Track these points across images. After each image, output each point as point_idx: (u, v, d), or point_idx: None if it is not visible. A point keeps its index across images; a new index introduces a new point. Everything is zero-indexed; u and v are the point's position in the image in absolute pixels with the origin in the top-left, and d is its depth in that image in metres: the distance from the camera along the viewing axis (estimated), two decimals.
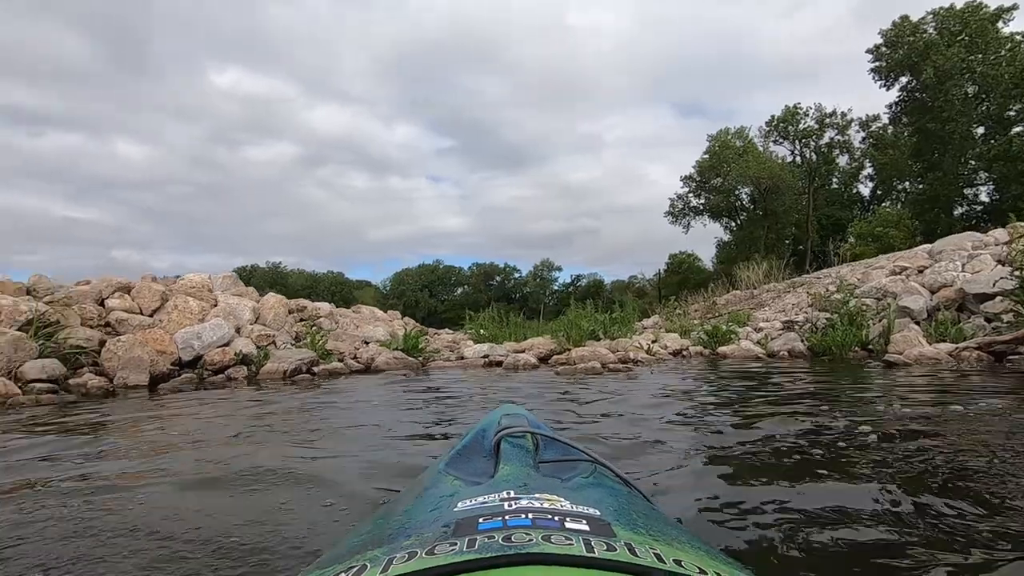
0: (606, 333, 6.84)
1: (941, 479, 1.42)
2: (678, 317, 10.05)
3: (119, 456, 2.00)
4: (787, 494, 1.35)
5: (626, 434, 2.11)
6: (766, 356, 5.80)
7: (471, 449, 0.81)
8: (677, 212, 32.65)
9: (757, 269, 11.96)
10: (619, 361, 5.45)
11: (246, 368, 5.11)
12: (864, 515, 1.18)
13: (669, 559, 0.38)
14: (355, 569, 0.38)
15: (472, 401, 3.30)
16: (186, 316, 5.54)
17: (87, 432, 2.52)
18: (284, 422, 2.72)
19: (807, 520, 1.16)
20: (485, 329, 7.18)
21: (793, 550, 1.03)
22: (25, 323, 4.43)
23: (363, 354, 5.96)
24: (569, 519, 0.43)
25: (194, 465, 1.83)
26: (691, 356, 6.27)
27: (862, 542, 1.06)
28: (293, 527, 1.21)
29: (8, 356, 4.02)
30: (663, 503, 1.07)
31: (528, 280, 48.33)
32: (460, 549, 0.37)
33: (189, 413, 3.13)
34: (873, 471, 1.52)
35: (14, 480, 1.65)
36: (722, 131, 30.55)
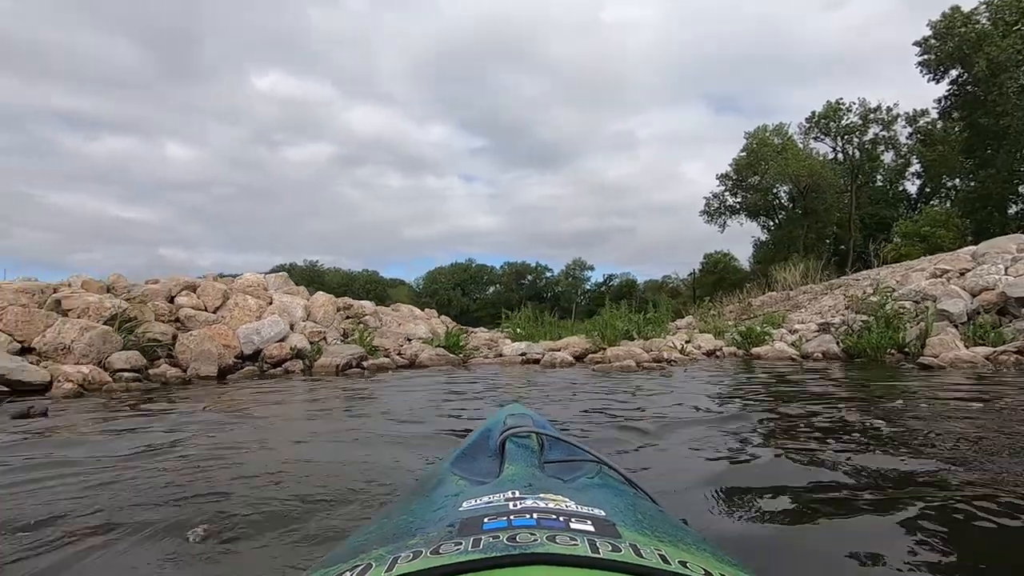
0: (640, 333, 7.01)
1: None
2: (712, 318, 10.11)
3: (231, 427, 2.37)
4: (800, 483, 1.55)
5: (660, 420, 2.35)
6: (800, 357, 5.89)
7: (476, 449, 0.83)
8: (712, 211, 32.19)
9: (794, 270, 11.85)
10: (653, 360, 5.65)
11: (301, 362, 5.54)
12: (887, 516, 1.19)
13: (674, 560, 0.39)
14: (360, 568, 0.39)
15: (520, 391, 3.58)
16: (245, 313, 6.00)
17: (188, 410, 2.91)
18: (359, 404, 3.07)
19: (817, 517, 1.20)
20: (521, 328, 7.47)
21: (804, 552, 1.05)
22: (110, 318, 4.94)
23: (407, 350, 6.32)
24: (574, 519, 0.44)
25: (298, 432, 2.17)
26: (724, 356, 6.40)
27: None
28: (379, 468, 1.52)
29: (98, 348, 4.51)
30: (666, 502, 1.09)
31: (560, 279, 48.40)
32: (465, 549, 0.38)
33: (270, 398, 3.52)
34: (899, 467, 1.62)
35: (166, 443, 2.01)
36: (760, 128, 29.98)
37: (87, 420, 2.73)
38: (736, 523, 1.21)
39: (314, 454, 1.90)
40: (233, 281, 6.76)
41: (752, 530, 1.17)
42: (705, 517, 1.21)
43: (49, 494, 1.41)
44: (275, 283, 7.35)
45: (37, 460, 1.81)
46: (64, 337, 4.41)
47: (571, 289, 46.80)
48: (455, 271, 48.20)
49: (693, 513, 1.23)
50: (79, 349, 4.38)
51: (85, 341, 4.42)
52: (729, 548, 0.51)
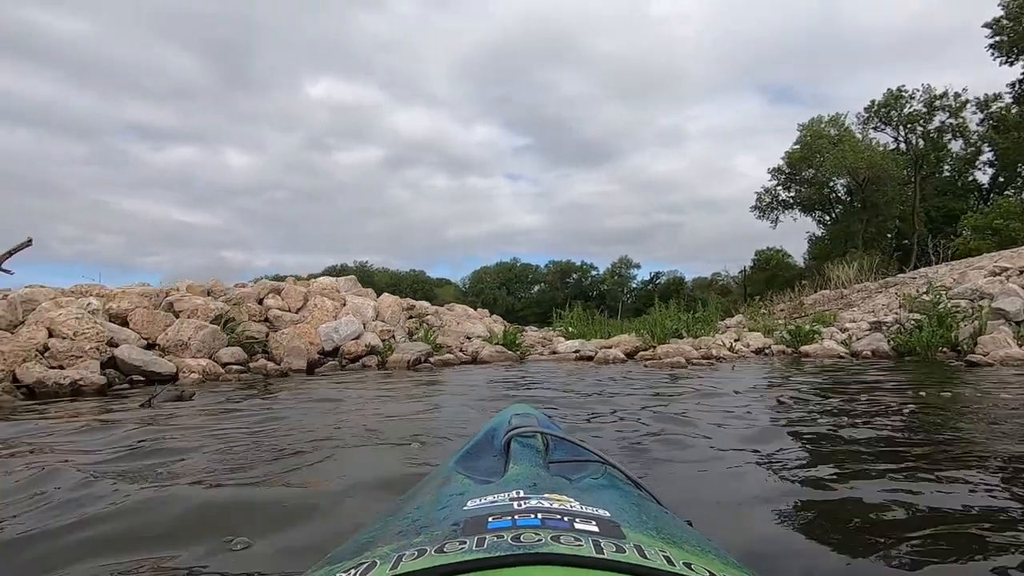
0: (689, 331, 7.30)
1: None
2: (762, 317, 10.20)
3: (342, 403, 2.93)
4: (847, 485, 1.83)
5: (713, 409, 2.75)
6: (849, 355, 6.05)
7: (481, 448, 0.84)
8: (764, 206, 31.49)
9: (847, 269, 11.71)
10: (702, 357, 5.96)
11: (376, 357, 6.16)
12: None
13: (679, 562, 0.39)
14: (365, 566, 0.39)
15: (582, 382, 4.02)
16: (324, 313, 6.70)
17: (301, 394, 3.51)
18: (440, 387, 3.59)
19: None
20: (573, 327, 7.89)
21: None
22: (215, 318, 5.70)
23: (468, 347, 6.87)
24: (579, 520, 0.44)
25: (400, 404, 2.69)
26: (773, 354, 6.62)
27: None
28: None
29: (209, 344, 5.26)
30: (669, 500, 1.08)
31: (605, 277, 48.32)
32: (469, 548, 0.38)
33: (362, 384, 4.10)
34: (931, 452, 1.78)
35: (302, 417, 2.58)
36: (814, 120, 29.10)
37: (228, 401, 3.36)
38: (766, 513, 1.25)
39: (417, 416, 2.42)
40: (310, 284, 7.50)
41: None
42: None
43: (251, 440, 1.97)
44: (345, 285, 8.07)
45: (227, 424, 2.40)
46: (182, 335, 5.17)
47: (616, 287, 46.64)
48: (500, 270, 48.93)
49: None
50: (194, 345, 5.13)
51: (199, 338, 5.17)
52: (734, 550, 0.52)
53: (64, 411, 3.04)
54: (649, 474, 1.55)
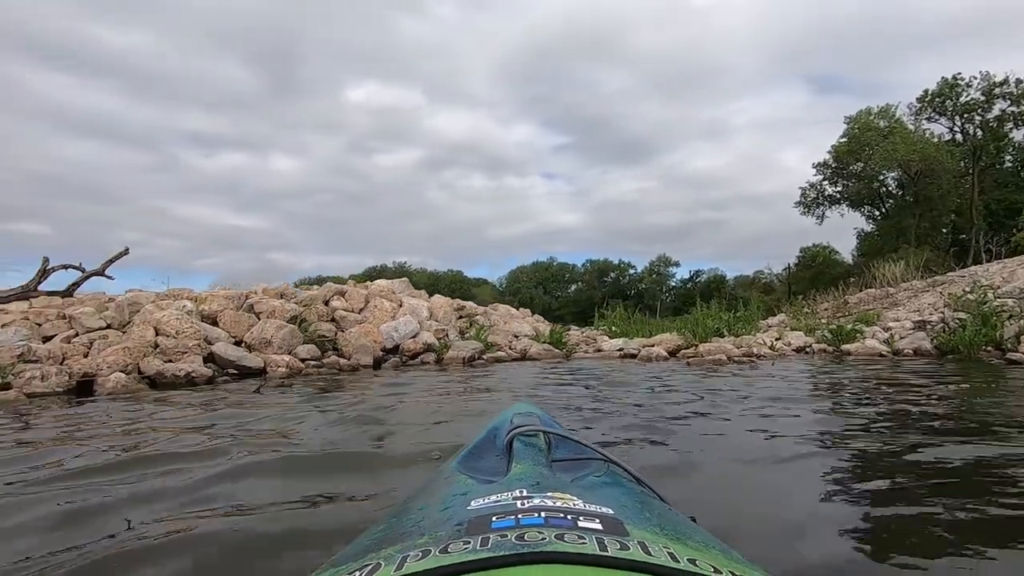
0: (730, 330, 7.56)
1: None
2: (805, 316, 10.30)
3: (421, 390, 3.44)
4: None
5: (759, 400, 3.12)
6: (890, 354, 6.21)
7: (484, 448, 0.85)
8: (809, 202, 30.82)
9: (894, 267, 11.62)
10: (743, 355, 6.25)
11: (433, 354, 6.70)
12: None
13: (683, 558, 0.39)
14: (369, 567, 0.40)
15: (634, 376, 4.42)
16: (383, 313, 7.29)
17: (382, 384, 4.05)
18: (499, 379, 4.07)
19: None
20: (616, 326, 8.26)
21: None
22: (290, 319, 6.35)
23: (516, 345, 7.34)
24: (582, 518, 0.44)
25: (466, 391, 3.17)
26: (814, 353, 6.83)
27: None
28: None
29: (288, 342, 5.90)
30: (673, 497, 1.13)
31: (643, 276, 48.07)
32: (473, 548, 0.38)
33: (429, 377, 4.62)
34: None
35: (397, 400, 3.10)
36: (862, 112, 28.33)
37: (323, 388, 3.93)
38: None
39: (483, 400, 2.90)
40: (368, 287, 8.13)
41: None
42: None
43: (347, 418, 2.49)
44: (400, 287, 8.67)
45: (331, 404, 2.93)
46: (265, 333, 5.83)
47: (655, 286, 46.34)
48: (537, 270, 49.31)
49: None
50: (276, 342, 5.78)
51: (280, 336, 5.82)
52: (738, 545, 0.54)
53: (208, 395, 3.66)
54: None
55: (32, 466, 1.81)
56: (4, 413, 3.06)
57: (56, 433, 2.46)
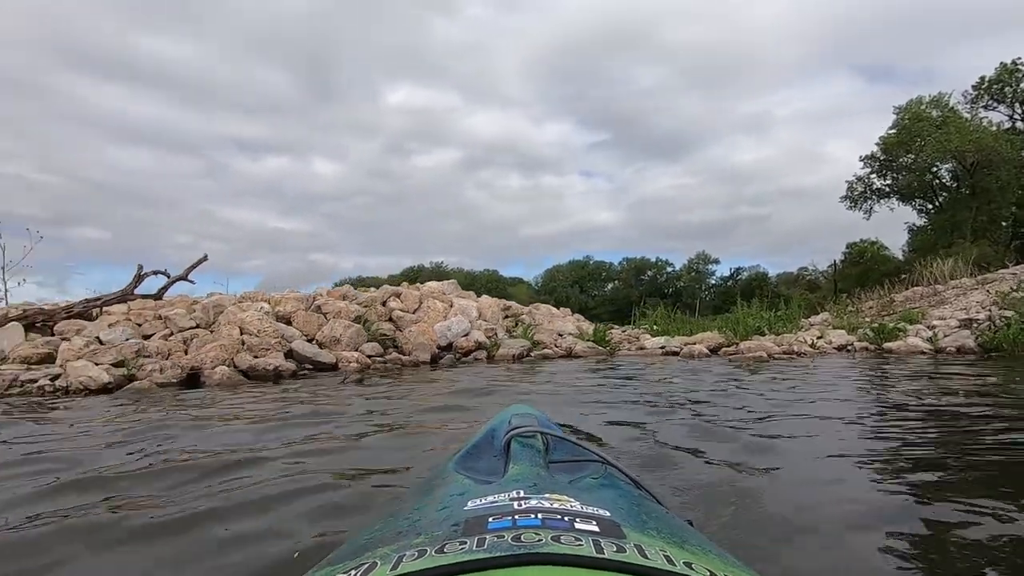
0: (771, 329, 7.81)
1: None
2: (849, 314, 10.37)
3: (484, 379, 3.93)
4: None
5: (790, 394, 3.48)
6: (933, 351, 6.35)
7: (481, 448, 0.86)
8: (856, 196, 30.09)
9: (941, 265, 11.49)
10: (783, 353, 6.52)
11: (484, 352, 7.22)
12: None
13: (679, 561, 0.39)
14: (365, 566, 0.40)
15: (681, 372, 4.81)
16: (436, 313, 7.85)
17: (450, 377, 4.57)
18: (571, 374, 4.53)
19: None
20: (657, 325, 8.60)
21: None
22: (355, 319, 6.97)
23: (561, 344, 7.79)
24: (579, 520, 0.45)
25: (529, 380, 3.64)
26: (856, 351, 7.02)
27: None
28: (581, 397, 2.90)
29: (355, 340, 6.51)
30: (670, 498, 1.13)
31: (682, 274, 47.67)
32: (470, 548, 0.39)
33: (487, 371, 5.11)
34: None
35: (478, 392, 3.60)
36: (912, 101, 27.50)
37: (398, 380, 4.48)
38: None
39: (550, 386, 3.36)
40: (421, 288, 8.72)
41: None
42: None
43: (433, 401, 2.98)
44: (449, 288, 9.24)
45: (412, 394, 3.45)
46: (335, 332, 6.45)
47: (694, 284, 45.89)
48: (573, 269, 49.50)
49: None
50: (345, 340, 6.40)
51: (348, 335, 6.44)
52: (735, 549, 0.54)
53: (310, 385, 4.26)
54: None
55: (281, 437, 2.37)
56: (156, 399, 3.70)
57: (250, 410, 3.06)
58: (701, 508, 1.33)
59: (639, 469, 1.69)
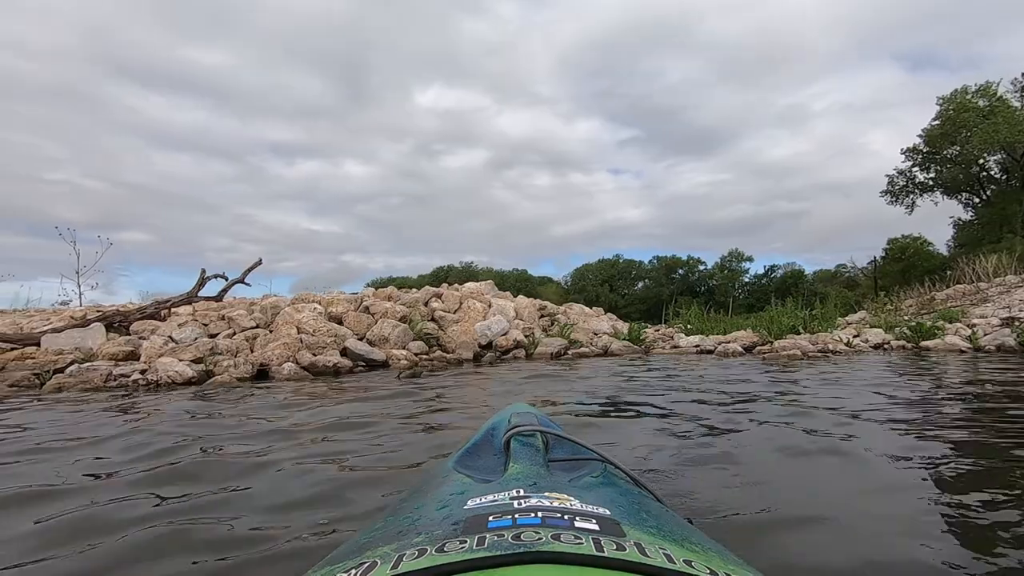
0: (806, 328, 7.94)
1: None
2: (888, 312, 10.36)
3: (537, 373, 4.28)
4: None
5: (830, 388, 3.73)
6: (971, 350, 6.42)
7: (481, 447, 0.88)
8: (897, 190, 29.42)
9: (984, 263, 11.32)
10: (818, 351, 6.67)
11: (523, 351, 7.57)
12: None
13: (679, 559, 0.40)
14: (366, 566, 0.40)
15: (712, 368, 5.08)
16: (476, 313, 8.24)
17: (499, 371, 4.93)
18: (613, 369, 4.85)
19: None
20: (691, 324, 8.80)
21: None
22: (400, 319, 7.42)
23: (597, 342, 8.09)
24: (579, 518, 0.45)
25: (580, 383, 3.98)
26: (892, 350, 7.11)
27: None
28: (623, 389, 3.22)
29: (401, 339, 6.95)
30: (670, 497, 1.15)
31: (714, 272, 47.20)
32: (470, 547, 0.39)
33: (530, 366, 5.46)
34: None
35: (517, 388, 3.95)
36: (958, 91, 26.72)
37: (455, 374, 4.86)
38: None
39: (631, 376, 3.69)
40: (460, 289, 9.13)
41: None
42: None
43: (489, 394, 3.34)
44: (486, 289, 9.63)
45: (472, 386, 3.82)
46: (383, 331, 6.90)
47: (727, 282, 45.38)
48: (602, 267, 49.51)
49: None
50: (393, 339, 6.84)
51: (396, 334, 6.88)
52: (735, 547, 0.55)
53: (374, 380, 4.69)
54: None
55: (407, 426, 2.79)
56: (244, 391, 4.17)
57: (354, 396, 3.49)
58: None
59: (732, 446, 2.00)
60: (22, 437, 2.48)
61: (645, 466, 1.75)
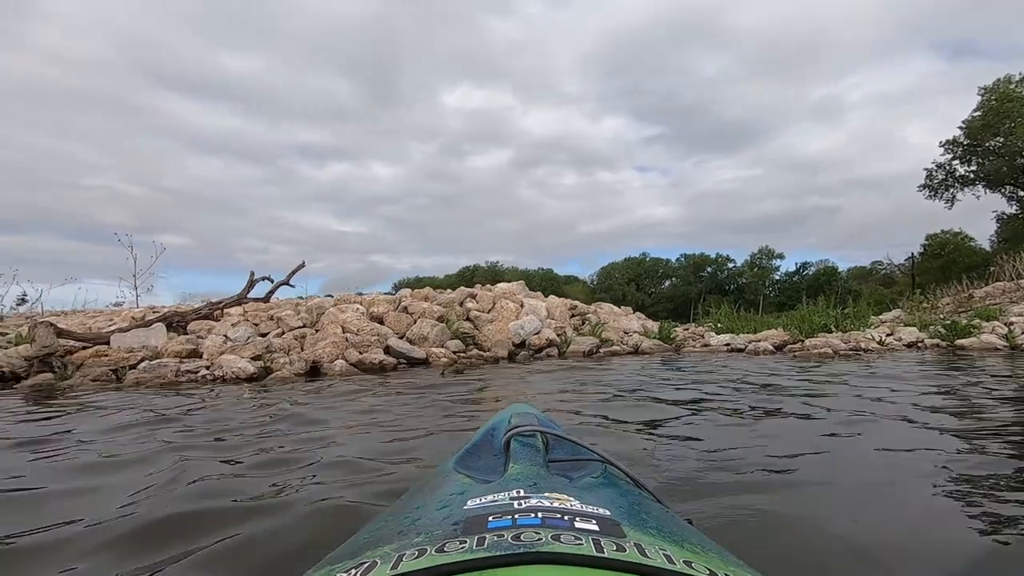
0: (838, 326, 8.03)
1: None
2: (923, 310, 10.31)
3: (560, 370, 4.55)
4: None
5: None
6: (1007, 348, 6.44)
7: (481, 447, 0.89)
8: (936, 184, 28.72)
9: (1016, 262, 11.13)
10: (850, 350, 6.79)
11: (556, 349, 7.86)
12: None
13: (679, 560, 0.40)
14: (365, 565, 0.41)
15: (742, 363, 5.28)
16: (509, 313, 8.55)
17: (537, 368, 5.23)
18: (648, 366, 5.11)
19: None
20: (721, 322, 8.95)
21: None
22: (438, 318, 7.77)
23: (628, 341, 8.32)
24: (579, 519, 0.46)
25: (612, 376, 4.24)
26: (926, 348, 7.17)
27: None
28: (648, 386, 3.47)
29: (440, 338, 7.30)
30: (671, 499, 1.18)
31: (744, 270, 46.65)
32: (470, 547, 0.40)
33: (562, 362, 5.74)
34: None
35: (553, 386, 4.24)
36: (1000, 80, 25.99)
37: (494, 370, 5.18)
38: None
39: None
40: (493, 290, 9.46)
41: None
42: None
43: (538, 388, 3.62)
44: (518, 289, 9.94)
45: (512, 379, 4.12)
46: (423, 330, 7.27)
47: (757, 280, 44.81)
48: (628, 266, 49.39)
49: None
50: (431, 338, 7.19)
51: (434, 333, 7.23)
52: (734, 549, 0.56)
53: (422, 376, 5.04)
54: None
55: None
56: (306, 384, 4.56)
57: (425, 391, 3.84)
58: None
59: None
60: (218, 420, 2.86)
61: (698, 445, 2.01)
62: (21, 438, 2.44)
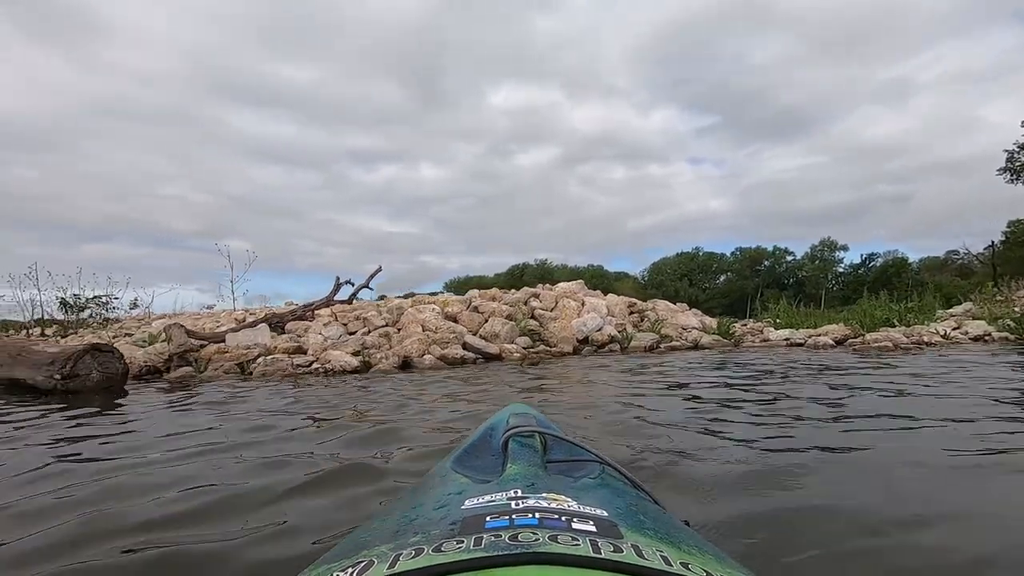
0: (901, 321, 8.19)
1: None
2: (996, 304, 10.21)
3: (643, 362, 5.12)
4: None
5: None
6: None
7: (479, 448, 0.90)
8: (1018, 167, 27.31)
9: None
10: (912, 344, 7.02)
11: (618, 345, 8.41)
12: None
13: (676, 562, 0.41)
14: (362, 565, 0.41)
15: (808, 360, 5.70)
16: (571, 311, 9.16)
17: (601, 360, 5.81)
18: (720, 361, 5.62)
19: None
20: (780, 318, 9.25)
21: None
22: (506, 317, 8.47)
23: (687, 336, 8.77)
24: (576, 519, 0.46)
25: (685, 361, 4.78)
26: (994, 341, 7.27)
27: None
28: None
29: (510, 335, 7.99)
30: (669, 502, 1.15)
31: (804, 263, 45.37)
32: (467, 547, 0.40)
33: (631, 358, 6.29)
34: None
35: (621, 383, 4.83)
36: None
37: (565, 364, 5.81)
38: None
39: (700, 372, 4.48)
40: (554, 289, 10.09)
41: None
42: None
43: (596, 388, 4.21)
44: (577, 288, 10.53)
45: (584, 373, 4.73)
46: (494, 328, 7.98)
47: (819, 273, 43.52)
48: (681, 261, 48.91)
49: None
50: (503, 335, 7.90)
51: (505, 331, 7.93)
52: (732, 550, 0.53)
53: (488, 369, 5.74)
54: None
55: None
56: (407, 376, 5.33)
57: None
58: None
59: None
60: (381, 397, 3.65)
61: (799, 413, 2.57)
62: (274, 411, 3.21)
